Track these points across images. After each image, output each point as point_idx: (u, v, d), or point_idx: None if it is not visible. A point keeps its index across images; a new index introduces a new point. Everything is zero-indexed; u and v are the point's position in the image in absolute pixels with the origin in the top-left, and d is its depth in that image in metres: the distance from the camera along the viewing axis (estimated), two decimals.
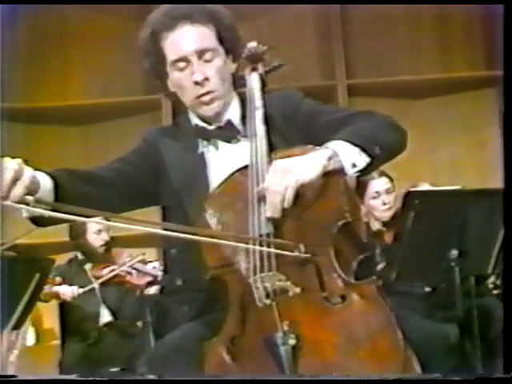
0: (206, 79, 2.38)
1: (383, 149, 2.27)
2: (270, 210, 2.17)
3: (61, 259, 5.36)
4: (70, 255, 5.48)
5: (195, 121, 2.48)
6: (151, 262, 5.09)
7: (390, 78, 6.55)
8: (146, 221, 2.11)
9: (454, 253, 3.59)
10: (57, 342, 5.20)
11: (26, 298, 3.73)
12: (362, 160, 2.24)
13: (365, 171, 2.26)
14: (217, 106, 2.42)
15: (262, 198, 2.19)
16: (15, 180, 2.00)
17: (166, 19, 2.40)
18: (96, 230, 5.26)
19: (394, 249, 3.50)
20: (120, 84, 6.63)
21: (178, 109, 6.57)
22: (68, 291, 5.02)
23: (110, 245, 5.31)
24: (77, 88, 6.60)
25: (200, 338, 2.21)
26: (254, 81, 2.47)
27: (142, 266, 5.01)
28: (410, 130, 2.43)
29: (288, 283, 2.16)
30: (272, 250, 2.17)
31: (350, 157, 2.23)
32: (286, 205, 2.15)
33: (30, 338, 5.47)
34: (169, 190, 2.40)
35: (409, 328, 2.09)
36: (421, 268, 3.59)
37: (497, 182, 6.85)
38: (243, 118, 2.44)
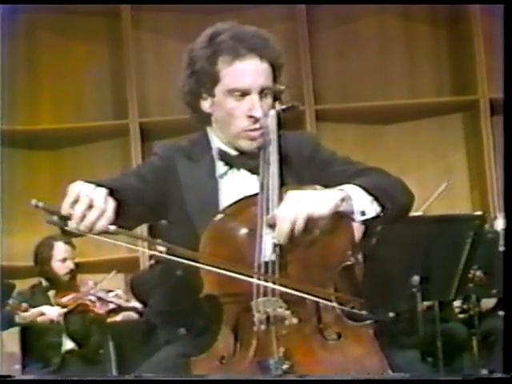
0: (263, 116, 2.39)
1: (394, 206, 2.29)
2: (278, 236, 2.17)
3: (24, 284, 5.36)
4: (34, 281, 5.46)
5: (217, 144, 2.48)
6: (113, 290, 5.11)
7: (358, 104, 6.60)
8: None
9: (416, 279, 3.61)
10: (18, 367, 5.18)
11: None
12: (373, 209, 2.25)
13: (371, 221, 2.27)
14: (258, 142, 2.42)
15: (270, 226, 2.20)
16: (100, 216, 2.07)
17: (234, 45, 2.38)
18: (61, 258, 5.27)
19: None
20: (90, 109, 6.62)
21: (147, 135, 6.64)
22: (54, 311, 5.01)
23: (74, 273, 5.30)
24: (47, 112, 6.59)
25: (188, 356, 2.24)
26: (271, 117, 2.43)
27: (105, 295, 5.03)
28: (377, 155, 2.47)
29: (287, 312, 2.20)
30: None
31: (362, 203, 2.24)
32: (295, 233, 2.15)
33: None
34: (179, 209, 2.41)
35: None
36: (383, 294, 3.59)
37: (464, 207, 6.90)
38: (259, 150, 2.44)
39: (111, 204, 2.11)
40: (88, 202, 2.07)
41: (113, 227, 2.10)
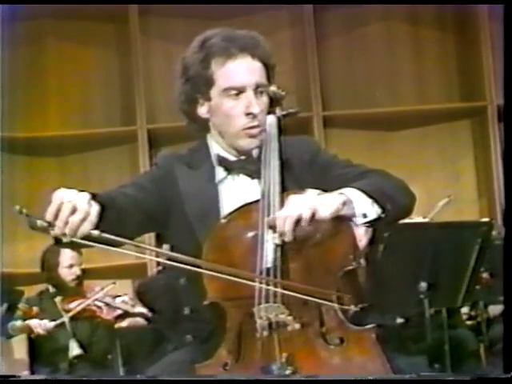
0: (260, 113, 2.41)
1: (394, 207, 2.31)
2: (281, 234, 2.19)
3: (32, 291, 5.37)
4: (41, 287, 5.48)
5: (217, 150, 2.50)
6: (120, 296, 5.12)
7: (366, 110, 6.60)
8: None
9: (423, 285, 3.61)
10: (26, 373, 5.20)
11: None
12: (374, 212, 2.28)
13: (372, 223, 2.29)
14: (258, 140, 2.43)
15: (271, 228, 2.21)
16: (84, 219, 2.10)
17: (226, 46, 2.42)
18: (68, 265, 5.29)
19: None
20: (98, 116, 6.63)
21: (156, 141, 6.64)
22: (40, 325, 5.02)
23: (81, 279, 5.33)
24: (54, 119, 6.60)
25: (192, 362, 2.26)
26: (271, 122, 2.45)
27: (112, 300, 5.05)
28: (385, 161, 2.46)
29: (289, 318, 2.21)
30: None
31: (363, 206, 2.27)
32: (303, 223, 2.16)
33: None
34: (180, 217, 2.42)
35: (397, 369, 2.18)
36: (391, 300, 3.59)
37: (472, 213, 6.89)
38: (260, 155, 2.45)
39: (95, 208, 2.13)
40: (72, 206, 2.08)
41: (96, 232, 2.11)
